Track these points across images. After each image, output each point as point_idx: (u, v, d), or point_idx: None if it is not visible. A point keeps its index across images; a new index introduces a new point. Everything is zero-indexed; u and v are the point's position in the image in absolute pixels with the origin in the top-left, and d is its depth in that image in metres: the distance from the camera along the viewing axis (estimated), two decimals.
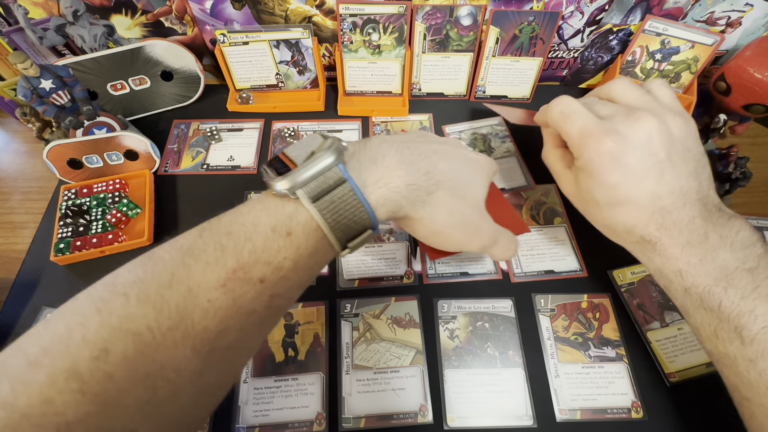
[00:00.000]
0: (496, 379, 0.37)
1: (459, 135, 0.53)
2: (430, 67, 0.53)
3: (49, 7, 0.46)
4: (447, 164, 0.28)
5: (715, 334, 0.27)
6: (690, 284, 0.28)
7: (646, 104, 0.31)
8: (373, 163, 0.25)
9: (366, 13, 0.47)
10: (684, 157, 0.30)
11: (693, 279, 0.28)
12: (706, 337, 0.28)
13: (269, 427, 0.35)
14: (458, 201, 0.28)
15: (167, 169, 0.50)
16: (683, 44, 0.47)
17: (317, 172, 0.23)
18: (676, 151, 0.30)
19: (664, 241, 0.29)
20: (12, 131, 0.54)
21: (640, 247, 0.31)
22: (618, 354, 0.39)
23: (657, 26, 0.47)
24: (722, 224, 0.29)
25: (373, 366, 0.37)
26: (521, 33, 0.49)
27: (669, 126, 0.30)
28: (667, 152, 0.29)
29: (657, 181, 0.29)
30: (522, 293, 0.42)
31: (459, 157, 0.30)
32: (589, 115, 0.31)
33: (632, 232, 0.30)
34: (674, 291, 0.30)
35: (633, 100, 0.32)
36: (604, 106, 0.32)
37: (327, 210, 0.23)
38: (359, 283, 0.42)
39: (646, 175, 0.29)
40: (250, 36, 0.49)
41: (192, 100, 0.55)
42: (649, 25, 0.47)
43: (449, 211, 0.28)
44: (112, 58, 0.48)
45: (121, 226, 0.44)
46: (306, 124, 0.54)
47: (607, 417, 0.36)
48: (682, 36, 0.47)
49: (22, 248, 0.44)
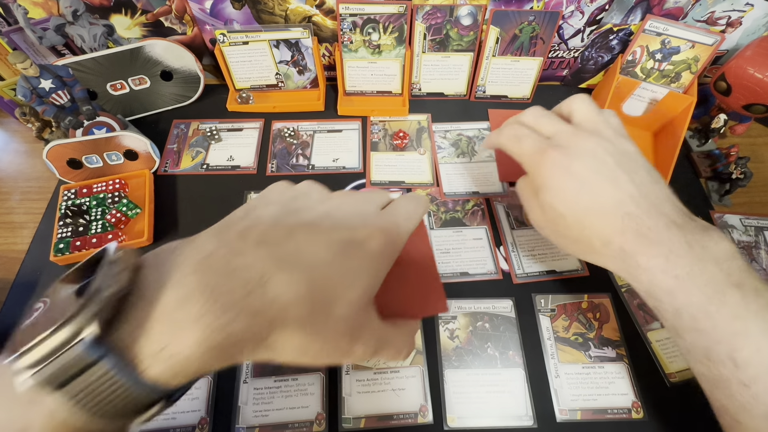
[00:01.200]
0: (496, 379, 0.37)
1: (444, 134, 0.53)
2: (430, 67, 0.53)
3: (49, 6, 0.46)
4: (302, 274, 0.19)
5: (707, 356, 0.26)
6: (681, 304, 0.27)
7: (595, 125, 0.32)
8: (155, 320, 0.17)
9: (366, 12, 0.46)
10: (635, 168, 0.30)
11: (685, 297, 0.26)
12: (698, 359, 0.27)
13: (269, 428, 0.35)
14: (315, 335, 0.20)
15: (167, 169, 0.50)
16: (683, 44, 0.47)
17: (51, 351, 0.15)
18: (625, 161, 0.30)
19: (645, 250, 0.28)
20: (12, 131, 0.54)
21: (623, 263, 0.29)
22: (618, 354, 0.38)
23: (657, 26, 0.47)
24: (701, 233, 0.27)
25: (373, 366, 0.37)
26: (521, 33, 0.49)
27: (614, 143, 0.31)
28: (616, 161, 0.30)
29: (614, 186, 0.29)
30: (522, 293, 0.41)
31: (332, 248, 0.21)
32: (536, 135, 0.33)
33: (610, 243, 0.29)
34: (664, 312, 0.28)
35: (585, 121, 0.32)
36: (553, 124, 0.33)
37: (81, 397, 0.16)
38: None
39: (600, 180, 0.29)
40: (250, 36, 0.49)
41: (192, 99, 0.55)
42: (649, 25, 0.47)
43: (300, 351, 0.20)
44: (111, 58, 0.48)
45: (121, 226, 0.44)
46: (306, 123, 0.54)
47: (607, 417, 0.36)
48: (683, 36, 0.47)
49: (22, 248, 0.44)
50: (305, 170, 0.50)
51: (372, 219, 0.23)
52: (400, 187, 0.48)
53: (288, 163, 0.50)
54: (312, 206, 0.23)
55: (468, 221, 0.46)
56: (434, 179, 0.49)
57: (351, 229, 0.22)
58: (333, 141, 0.52)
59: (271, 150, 0.52)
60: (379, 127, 0.54)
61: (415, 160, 0.51)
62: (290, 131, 0.52)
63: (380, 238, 0.22)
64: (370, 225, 0.23)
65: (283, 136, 0.52)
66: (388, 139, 0.53)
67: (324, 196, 0.24)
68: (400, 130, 0.53)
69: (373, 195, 0.26)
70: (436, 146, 0.52)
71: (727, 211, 0.48)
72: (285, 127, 0.53)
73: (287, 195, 0.24)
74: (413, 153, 0.51)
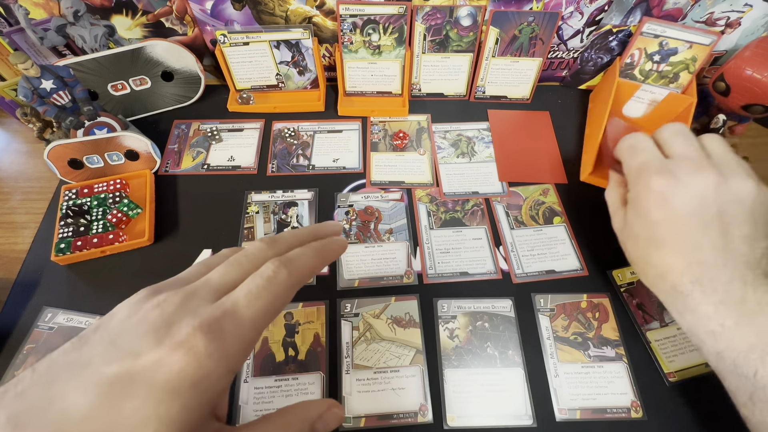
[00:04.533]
0: (496, 378, 0.37)
1: (444, 135, 0.53)
2: (430, 68, 0.53)
3: (50, 7, 0.46)
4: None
5: (752, 400, 0.26)
6: (723, 348, 0.27)
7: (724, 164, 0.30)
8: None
9: (366, 13, 0.47)
10: (741, 220, 0.29)
11: (727, 343, 0.27)
12: (743, 402, 0.27)
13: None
14: None
15: (168, 169, 0.50)
16: (681, 45, 0.47)
17: None
18: (732, 211, 0.29)
19: (696, 296, 0.28)
20: (13, 131, 0.54)
21: (671, 298, 0.30)
22: (617, 354, 0.39)
23: (654, 28, 0.47)
24: (764, 288, 0.27)
25: (373, 366, 0.38)
26: (521, 33, 0.49)
27: (733, 187, 0.29)
28: (721, 210, 0.29)
29: (701, 233, 0.28)
30: (521, 293, 0.42)
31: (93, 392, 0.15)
32: (655, 153, 0.32)
33: (665, 277, 0.30)
34: (706, 353, 0.28)
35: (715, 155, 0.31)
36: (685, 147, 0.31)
37: None
38: (359, 282, 0.42)
39: (691, 223, 0.29)
40: (251, 36, 0.49)
41: (192, 100, 0.55)
42: (646, 28, 0.47)
43: None
44: (112, 59, 0.49)
45: (122, 226, 0.44)
46: (306, 124, 0.54)
47: (606, 416, 0.36)
48: (680, 37, 0.47)
49: (23, 248, 0.44)
50: (305, 170, 0.50)
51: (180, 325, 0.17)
52: (400, 187, 0.49)
53: (288, 164, 0.51)
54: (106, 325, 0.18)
55: (468, 221, 0.46)
56: (434, 179, 0.49)
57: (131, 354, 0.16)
58: (333, 141, 0.52)
59: (272, 150, 0.52)
60: (379, 128, 0.54)
61: (415, 161, 0.51)
62: (291, 131, 0.52)
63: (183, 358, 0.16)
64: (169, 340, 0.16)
65: (284, 137, 0.52)
66: (388, 139, 0.53)
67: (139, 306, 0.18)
68: (400, 131, 0.53)
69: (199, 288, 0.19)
70: (435, 146, 0.52)
71: None
72: (285, 127, 0.53)
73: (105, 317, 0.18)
74: (413, 153, 0.52)
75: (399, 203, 0.47)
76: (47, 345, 0.38)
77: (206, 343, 0.16)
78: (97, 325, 0.18)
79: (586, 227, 0.46)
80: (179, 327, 0.17)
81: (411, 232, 0.45)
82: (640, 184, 0.31)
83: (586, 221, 0.46)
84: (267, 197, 0.48)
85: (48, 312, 0.39)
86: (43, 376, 0.16)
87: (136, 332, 0.17)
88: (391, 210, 0.47)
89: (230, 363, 0.17)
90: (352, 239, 0.45)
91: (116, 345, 0.16)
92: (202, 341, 0.16)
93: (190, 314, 0.17)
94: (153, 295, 0.18)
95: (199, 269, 0.21)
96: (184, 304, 0.18)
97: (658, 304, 0.41)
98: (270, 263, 0.20)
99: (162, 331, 0.17)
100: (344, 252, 0.24)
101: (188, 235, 0.45)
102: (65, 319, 0.39)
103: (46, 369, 0.16)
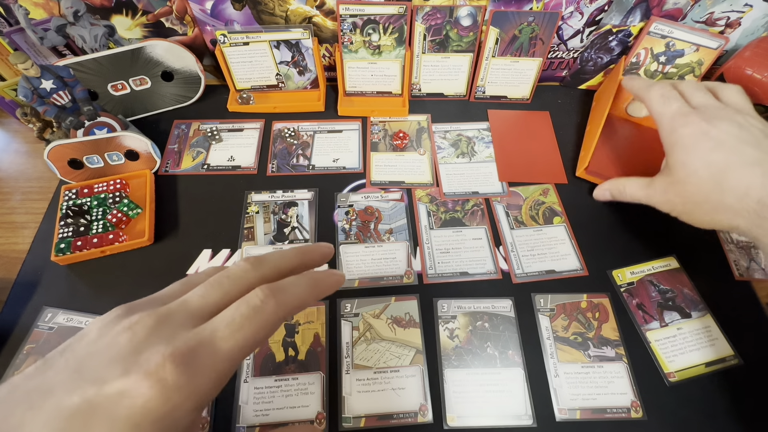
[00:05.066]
0: (496, 378, 0.37)
1: (444, 135, 0.53)
2: (430, 68, 0.53)
3: (50, 7, 0.46)
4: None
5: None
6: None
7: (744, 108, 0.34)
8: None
9: (366, 13, 0.47)
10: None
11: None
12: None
13: (269, 427, 0.35)
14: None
15: (168, 169, 0.50)
16: (688, 47, 0.47)
17: None
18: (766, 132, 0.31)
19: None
20: (13, 131, 0.54)
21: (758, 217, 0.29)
22: (617, 354, 0.39)
23: (662, 28, 0.47)
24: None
25: (373, 366, 0.38)
26: (521, 33, 0.49)
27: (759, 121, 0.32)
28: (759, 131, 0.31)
29: (756, 148, 0.30)
30: (521, 293, 0.42)
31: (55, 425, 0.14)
32: (684, 102, 0.34)
33: (748, 195, 0.29)
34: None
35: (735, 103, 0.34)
36: (705, 98, 0.34)
37: None
38: (359, 282, 0.42)
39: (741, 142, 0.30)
40: (251, 36, 0.49)
41: (192, 100, 0.55)
42: (654, 27, 0.47)
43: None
44: (112, 59, 0.49)
45: (122, 226, 0.44)
46: (306, 124, 0.54)
47: (606, 416, 0.36)
48: (687, 39, 0.47)
49: (23, 248, 0.44)
50: (305, 170, 0.50)
51: (150, 353, 0.16)
52: (400, 187, 0.49)
53: (288, 164, 0.51)
54: (73, 350, 0.17)
55: (467, 221, 0.46)
56: (434, 179, 0.49)
57: (95, 383, 0.15)
58: (333, 141, 0.52)
59: (272, 150, 0.52)
60: (379, 128, 0.54)
61: (415, 161, 0.51)
62: (291, 131, 0.52)
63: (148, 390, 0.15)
64: (137, 368, 0.15)
65: (284, 137, 0.52)
66: (388, 139, 0.53)
67: (109, 327, 0.17)
68: (400, 131, 0.53)
69: (179, 308, 0.18)
70: (435, 146, 0.52)
71: None
72: (285, 127, 0.53)
73: (77, 338, 0.17)
74: (413, 153, 0.52)
75: (399, 203, 0.47)
76: (47, 345, 0.38)
77: (176, 375, 0.15)
78: (65, 347, 0.17)
79: (586, 227, 0.46)
80: (149, 355, 0.15)
81: (411, 232, 0.45)
82: (681, 127, 0.33)
83: (586, 221, 0.46)
84: (267, 197, 0.48)
85: (48, 312, 0.40)
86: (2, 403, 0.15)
87: (103, 358, 0.16)
88: (391, 210, 0.47)
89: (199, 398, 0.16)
90: (352, 239, 0.45)
91: (80, 372, 0.15)
92: (171, 372, 0.15)
93: (163, 341, 0.16)
94: (126, 315, 0.17)
95: (178, 288, 0.20)
96: (157, 329, 0.16)
97: (658, 304, 0.41)
98: (259, 291, 0.18)
99: (130, 359, 0.15)
100: (340, 287, 0.22)
101: (188, 235, 0.45)
102: (65, 319, 0.39)
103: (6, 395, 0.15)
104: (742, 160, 0.30)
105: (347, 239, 0.45)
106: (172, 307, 0.18)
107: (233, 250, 0.44)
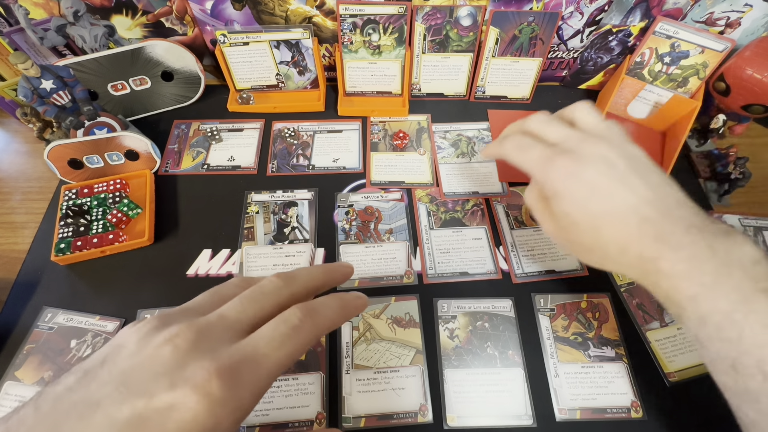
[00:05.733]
0: (496, 378, 0.37)
1: (444, 135, 0.53)
2: (430, 68, 0.53)
3: (50, 7, 0.46)
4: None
5: (734, 368, 0.24)
6: (706, 311, 0.25)
7: (601, 131, 0.31)
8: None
9: (366, 13, 0.47)
10: (647, 171, 0.29)
11: (710, 304, 0.24)
12: (723, 370, 0.25)
13: (269, 427, 0.35)
14: None
15: (168, 169, 0.50)
16: (693, 48, 0.47)
17: None
18: (636, 165, 0.29)
19: (666, 255, 0.26)
20: (13, 131, 0.54)
21: (641, 271, 0.28)
22: (617, 354, 0.39)
23: (667, 29, 0.47)
24: (723, 236, 0.26)
25: (373, 366, 0.38)
26: (521, 33, 0.49)
27: (623, 148, 0.29)
28: (628, 165, 0.28)
29: (628, 190, 0.28)
30: (521, 293, 0.42)
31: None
32: (540, 143, 0.31)
33: (626, 250, 0.28)
34: (687, 320, 0.26)
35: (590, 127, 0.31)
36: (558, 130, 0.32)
37: None
38: (359, 282, 0.42)
39: (613, 185, 0.28)
40: (251, 36, 0.49)
41: (192, 100, 0.55)
42: (659, 27, 0.47)
43: None
44: (112, 59, 0.49)
45: (122, 226, 0.44)
46: (306, 124, 0.54)
47: (606, 416, 0.36)
48: (693, 40, 0.47)
49: (23, 248, 0.44)
50: (305, 170, 0.50)
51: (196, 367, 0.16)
52: (400, 187, 0.49)
53: (288, 164, 0.51)
54: (114, 362, 0.17)
55: (468, 221, 0.46)
56: (434, 179, 0.49)
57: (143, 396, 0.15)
58: (333, 141, 0.52)
59: (272, 150, 0.52)
60: (379, 128, 0.54)
61: (415, 161, 0.51)
62: (291, 131, 0.52)
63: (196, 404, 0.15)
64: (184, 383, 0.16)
65: (284, 137, 0.52)
66: (388, 139, 0.53)
67: (149, 339, 0.17)
68: (400, 131, 0.53)
69: (217, 323, 0.18)
70: (435, 146, 0.52)
71: (726, 211, 0.48)
72: (285, 127, 0.53)
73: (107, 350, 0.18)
74: (413, 153, 0.52)
75: (399, 203, 0.47)
76: (47, 345, 0.38)
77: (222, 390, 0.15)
78: (104, 359, 0.17)
79: None
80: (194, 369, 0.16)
81: (411, 232, 0.45)
82: (550, 173, 0.30)
83: None
84: (267, 197, 0.48)
85: (48, 312, 0.39)
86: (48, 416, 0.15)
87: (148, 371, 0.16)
88: (391, 210, 0.47)
89: (241, 412, 0.16)
90: (352, 239, 0.45)
91: (126, 385, 0.16)
92: (217, 387, 0.15)
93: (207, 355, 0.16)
94: (163, 327, 0.17)
95: (210, 299, 0.20)
96: (197, 342, 0.17)
97: (658, 304, 0.41)
98: (297, 311, 0.19)
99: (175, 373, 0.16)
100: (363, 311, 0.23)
101: (188, 235, 0.45)
102: (65, 319, 0.39)
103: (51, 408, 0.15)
104: (617, 209, 0.28)
105: (347, 239, 0.45)
106: (211, 320, 0.18)
107: (233, 250, 0.44)
